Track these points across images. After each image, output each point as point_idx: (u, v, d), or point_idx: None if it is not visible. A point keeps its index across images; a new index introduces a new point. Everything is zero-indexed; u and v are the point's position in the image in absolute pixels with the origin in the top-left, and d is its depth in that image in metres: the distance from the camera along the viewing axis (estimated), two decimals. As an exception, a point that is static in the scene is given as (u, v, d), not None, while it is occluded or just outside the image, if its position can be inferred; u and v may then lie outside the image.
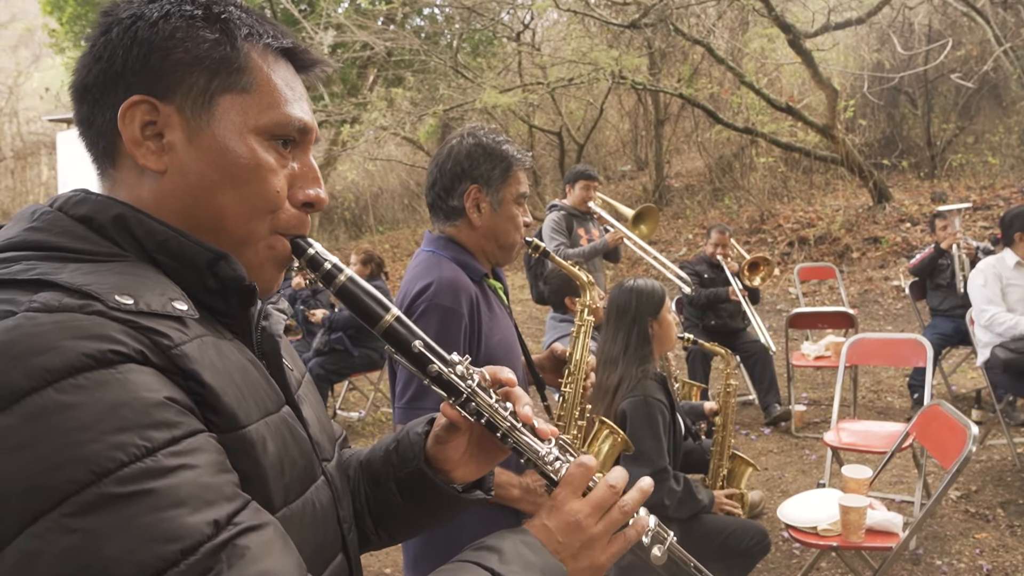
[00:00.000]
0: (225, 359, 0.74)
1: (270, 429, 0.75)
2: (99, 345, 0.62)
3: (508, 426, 0.87)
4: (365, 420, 6.12)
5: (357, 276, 0.85)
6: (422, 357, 0.85)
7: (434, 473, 0.95)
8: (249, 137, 0.79)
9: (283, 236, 0.84)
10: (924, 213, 9.56)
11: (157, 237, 0.75)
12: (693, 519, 2.65)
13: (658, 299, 2.76)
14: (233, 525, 0.63)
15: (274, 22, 0.84)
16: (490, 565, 0.78)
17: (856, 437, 3.77)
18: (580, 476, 0.85)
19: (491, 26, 12.54)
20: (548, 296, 4.11)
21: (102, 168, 0.81)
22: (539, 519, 0.85)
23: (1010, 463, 4.29)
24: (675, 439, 2.71)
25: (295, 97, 0.83)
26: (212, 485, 0.64)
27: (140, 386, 0.63)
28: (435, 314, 1.68)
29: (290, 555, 0.68)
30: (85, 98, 0.79)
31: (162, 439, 0.62)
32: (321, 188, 0.86)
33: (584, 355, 1.97)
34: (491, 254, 1.86)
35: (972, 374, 5.76)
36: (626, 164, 16.14)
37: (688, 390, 3.81)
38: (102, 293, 0.66)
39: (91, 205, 0.76)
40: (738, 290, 5.32)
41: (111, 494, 0.58)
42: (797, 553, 3.53)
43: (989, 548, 3.44)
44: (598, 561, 0.84)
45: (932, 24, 12.08)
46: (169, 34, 0.77)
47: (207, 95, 0.78)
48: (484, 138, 1.80)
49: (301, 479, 0.80)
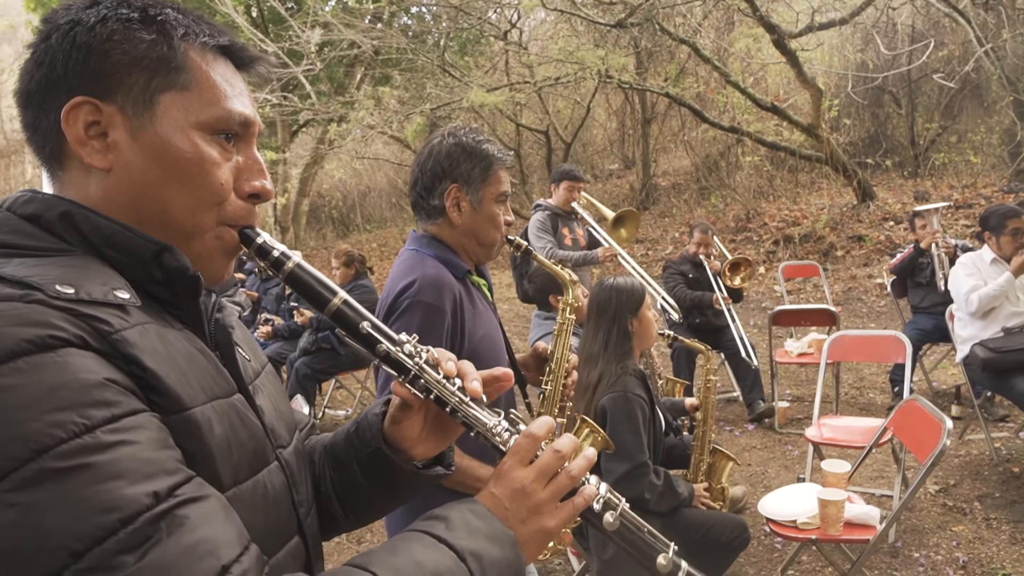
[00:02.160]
0: (169, 346, 0.76)
1: (216, 412, 0.78)
2: (38, 331, 0.65)
3: (456, 400, 0.89)
4: (352, 418, 6.12)
5: (304, 263, 0.88)
6: (370, 337, 0.88)
7: (393, 452, 0.98)
8: (191, 132, 0.82)
9: (231, 227, 0.86)
10: (907, 212, 9.63)
11: (103, 232, 0.78)
12: (674, 513, 2.70)
13: (638, 297, 2.80)
14: (173, 496, 0.65)
15: (211, 22, 0.87)
16: (436, 532, 0.80)
17: (837, 432, 3.83)
18: (527, 445, 0.87)
19: (478, 25, 12.56)
20: (533, 294, 4.14)
21: (51, 171, 0.84)
22: (487, 488, 0.87)
23: (987, 457, 4.36)
24: (655, 434, 2.75)
25: (235, 93, 0.86)
26: (152, 459, 0.66)
27: (79, 368, 0.65)
28: (418, 311, 1.71)
29: (231, 525, 0.70)
30: (29, 104, 0.82)
31: (101, 417, 0.64)
32: (267, 179, 0.89)
33: (565, 353, 2.00)
34: (472, 252, 1.88)
35: (952, 370, 5.84)
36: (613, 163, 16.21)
37: (672, 387, 3.85)
38: (43, 284, 0.69)
39: (38, 204, 0.79)
40: (721, 298, 5.34)
41: (50, 468, 0.60)
42: (779, 547, 3.59)
43: (966, 540, 3.50)
44: (547, 526, 0.85)
45: (915, 24, 12.20)
46: (107, 37, 0.80)
47: (147, 94, 0.81)
48: (464, 138, 1.83)
49: (251, 462, 0.82)
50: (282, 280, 0.88)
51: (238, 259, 1.00)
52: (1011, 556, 3.33)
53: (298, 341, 5.85)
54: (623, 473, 2.58)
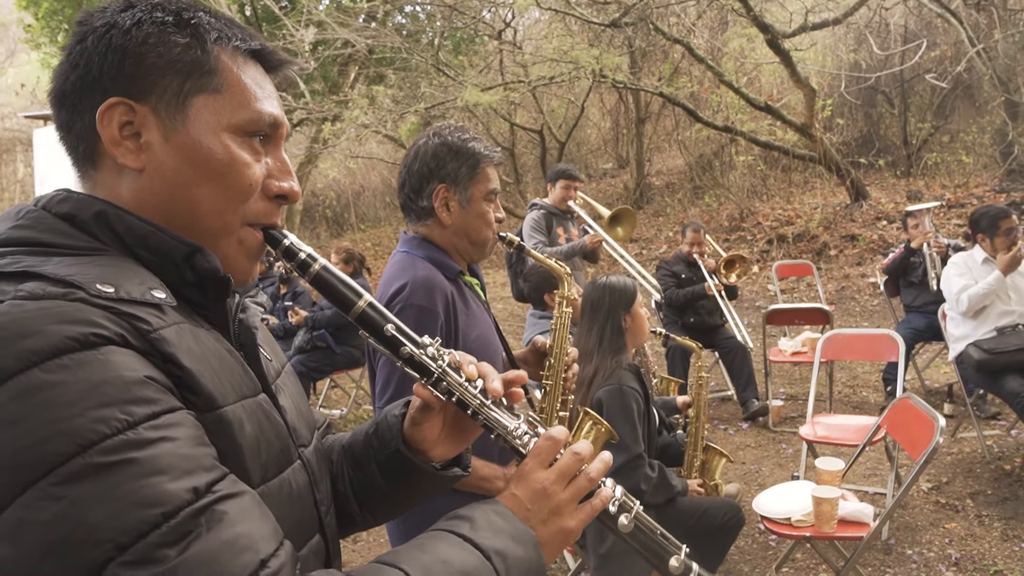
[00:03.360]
0: (202, 345, 0.78)
1: (246, 411, 0.79)
2: (82, 329, 0.66)
3: (478, 403, 0.91)
4: (347, 417, 6.13)
5: (331, 264, 0.89)
6: (394, 340, 0.90)
7: (412, 453, 0.99)
8: (223, 134, 0.83)
9: (256, 228, 0.88)
10: (900, 211, 9.68)
11: (137, 232, 0.79)
12: (668, 503, 2.72)
13: (630, 294, 2.85)
14: (212, 492, 0.67)
15: (243, 26, 0.89)
16: (462, 531, 0.81)
17: (830, 431, 3.85)
18: (547, 448, 0.89)
19: (472, 24, 12.54)
20: (528, 293, 4.15)
21: (83, 171, 0.85)
22: (508, 489, 0.89)
23: (980, 455, 4.39)
24: (649, 428, 2.78)
25: (265, 95, 0.87)
26: (191, 456, 0.68)
27: (121, 366, 0.67)
28: (411, 314, 1.71)
29: (267, 521, 0.72)
30: (64, 104, 0.83)
31: (142, 414, 0.66)
32: (294, 181, 0.90)
33: (564, 347, 1.99)
34: (464, 251, 1.88)
35: (945, 369, 5.87)
36: (607, 162, 16.23)
37: (666, 385, 3.87)
38: (84, 282, 0.70)
39: (73, 203, 0.80)
40: (713, 286, 5.37)
41: (95, 464, 0.62)
42: (773, 544, 3.60)
43: (958, 537, 3.52)
44: (567, 526, 0.87)
45: (908, 25, 12.26)
46: (142, 40, 0.81)
47: (180, 96, 0.82)
48: (449, 137, 1.82)
49: (277, 460, 0.84)
50: (308, 282, 0.89)
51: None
52: (1003, 553, 3.36)
53: (293, 340, 5.85)
54: (619, 465, 2.60)
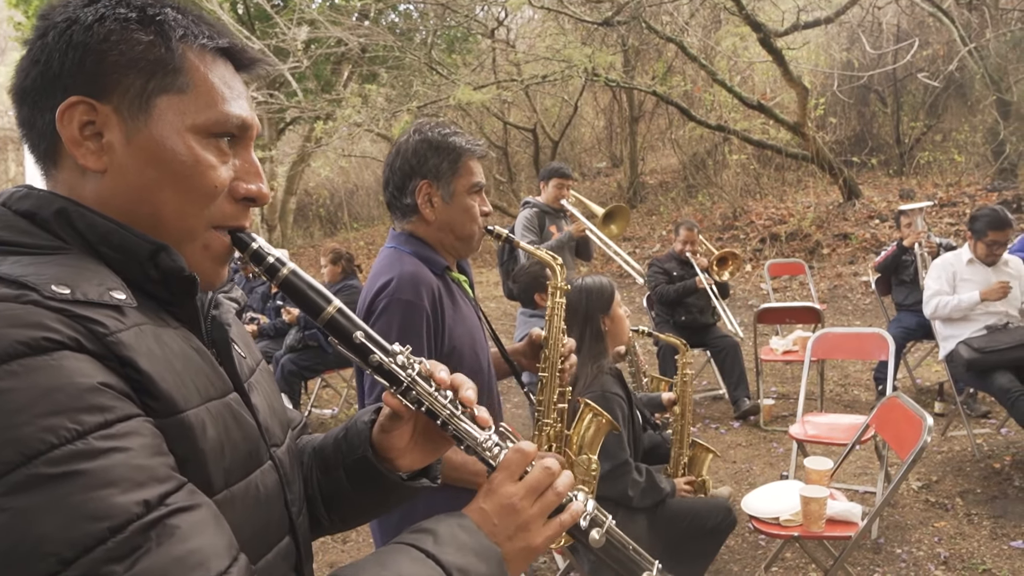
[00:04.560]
0: (164, 346, 0.75)
1: (211, 414, 0.77)
2: (33, 333, 0.64)
3: (448, 414, 0.89)
4: (338, 417, 6.11)
5: (299, 270, 0.87)
6: (363, 347, 0.87)
7: (380, 461, 0.97)
8: (187, 136, 0.81)
9: (223, 231, 0.85)
10: (893, 210, 9.71)
11: (99, 230, 0.77)
12: (658, 507, 2.71)
13: (607, 295, 2.81)
14: (164, 506, 0.65)
15: (212, 22, 0.86)
16: (424, 547, 0.80)
17: (820, 430, 3.85)
18: (517, 461, 0.87)
19: (465, 23, 12.53)
20: (518, 293, 4.14)
21: (45, 169, 0.83)
22: (476, 502, 0.87)
23: (970, 454, 4.40)
24: (635, 432, 2.76)
25: (233, 95, 0.84)
26: (144, 467, 0.65)
27: (73, 372, 0.65)
28: (397, 309, 1.70)
29: (221, 535, 0.69)
30: (24, 101, 0.81)
31: (94, 422, 0.64)
32: (263, 183, 0.88)
33: (559, 338, 1.98)
34: (451, 247, 1.87)
35: (936, 367, 5.89)
36: (601, 161, 16.23)
37: (656, 385, 3.87)
38: (38, 284, 0.68)
39: (34, 200, 0.78)
40: (704, 280, 5.38)
41: (41, 474, 0.60)
42: (763, 544, 3.60)
43: (947, 536, 3.53)
44: (533, 543, 0.85)
45: (900, 24, 12.30)
46: (104, 37, 0.78)
47: (144, 96, 0.79)
48: (430, 133, 1.81)
49: (244, 463, 0.82)
50: (276, 287, 0.87)
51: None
52: (992, 551, 3.37)
53: (284, 339, 5.83)
54: (606, 472, 2.59)
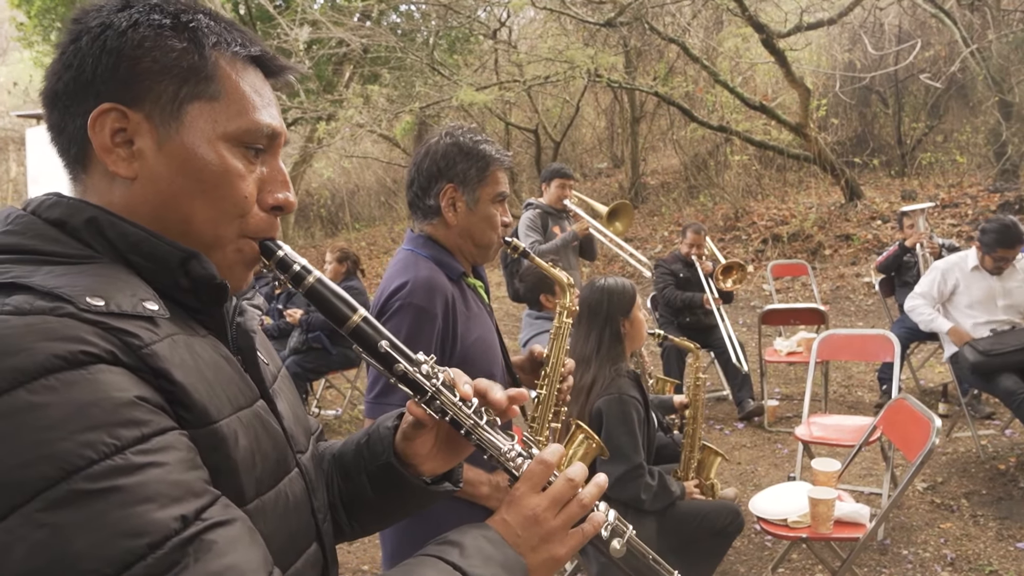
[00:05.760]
0: (197, 357, 0.75)
1: (242, 424, 0.77)
2: (69, 346, 0.64)
3: (471, 424, 0.89)
4: (342, 418, 6.11)
5: (325, 278, 0.87)
6: (388, 357, 0.87)
7: (403, 467, 0.97)
8: (218, 144, 0.81)
9: (252, 239, 0.85)
10: (894, 211, 9.70)
11: (129, 239, 0.77)
12: (667, 508, 2.72)
13: (629, 298, 2.80)
14: (201, 520, 0.65)
15: (243, 29, 0.85)
16: (451, 559, 0.80)
17: (826, 431, 3.85)
18: (540, 472, 0.87)
19: (467, 23, 12.52)
20: (524, 294, 4.13)
21: (74, 174, 0.82)
22: (499, 514, 0.87)
23: (974, 455, 4.40)
24: (649, 434, 2.76)
25: (263, 103, 0.84)
26: (180, 482, 0.65)
27: (110, 386, 0.64)
28: (408, 313, 1.70)
29: (256, 550, 0.70)
30: (56, 105, 0.80)
31: (131, 437, 0.63)
32: (290, 192, 0.88)
33: (560, 357, 1.98)
34: (468, 253, 1.87)
35: (940, 368, 5.89)
36: (602, 161, 16.22)
37: (662, 386, 3.86)
38: (73, 296, 0.67)
39: (64, 208, 0.77)
40: (712, 299, 5.36)
41: (80, 490, 0.60)
42: (769, 545, 3.60)
43: (953, 537, 3.53)
44: (557, 554, 0.86)
45: (902, 25, 12.29)
46: (138, 43, 0.78)
47: (176, 103, 0.79)
48: (461, 138, 1.81)
49: (274, 471, 0.82)
50: (302, 294, 0.86)
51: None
52: (998, 552, 3.37)
53: (287, 341, 5.82)
54: (619, 475, 2.59)
